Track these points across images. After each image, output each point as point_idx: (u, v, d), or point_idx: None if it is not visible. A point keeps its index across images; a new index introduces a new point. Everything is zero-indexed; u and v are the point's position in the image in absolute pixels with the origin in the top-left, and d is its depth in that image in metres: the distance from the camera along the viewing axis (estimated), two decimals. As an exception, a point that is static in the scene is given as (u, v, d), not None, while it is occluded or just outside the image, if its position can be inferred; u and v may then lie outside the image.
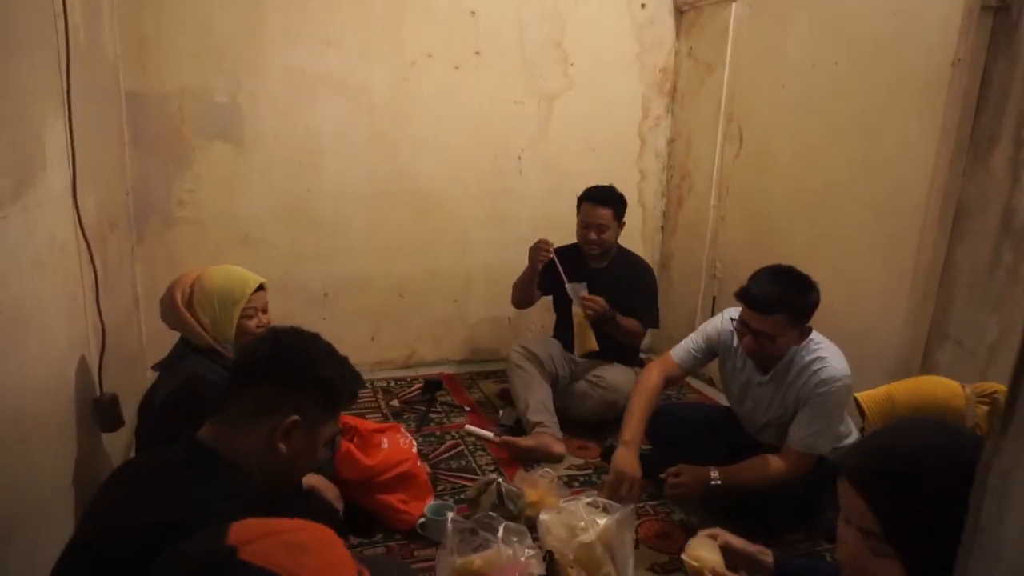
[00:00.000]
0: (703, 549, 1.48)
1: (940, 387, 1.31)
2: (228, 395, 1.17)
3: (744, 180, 3.13)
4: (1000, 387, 1.36)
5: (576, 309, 2.70)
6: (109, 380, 2.19)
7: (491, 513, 1.79)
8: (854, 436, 2.26)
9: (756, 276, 2.02)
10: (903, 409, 1.30)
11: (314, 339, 1.24)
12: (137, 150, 2.83)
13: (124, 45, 2.73)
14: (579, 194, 2.86)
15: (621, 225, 2.86)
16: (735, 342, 2.20)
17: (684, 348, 2.32)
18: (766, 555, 1.49)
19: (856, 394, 1.34)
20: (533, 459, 2.53)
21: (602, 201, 2.78)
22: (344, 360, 1.25)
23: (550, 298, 3.03)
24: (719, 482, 2.08)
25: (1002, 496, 0.39)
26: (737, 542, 1.50)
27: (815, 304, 1.99)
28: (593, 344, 2.72)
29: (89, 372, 2.00)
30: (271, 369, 1.16)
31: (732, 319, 2.15)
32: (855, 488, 0.88)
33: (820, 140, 2.67)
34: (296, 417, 1.13)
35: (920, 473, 0.84)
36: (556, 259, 2.73)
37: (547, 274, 2.81)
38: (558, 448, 2.57)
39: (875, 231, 2.46)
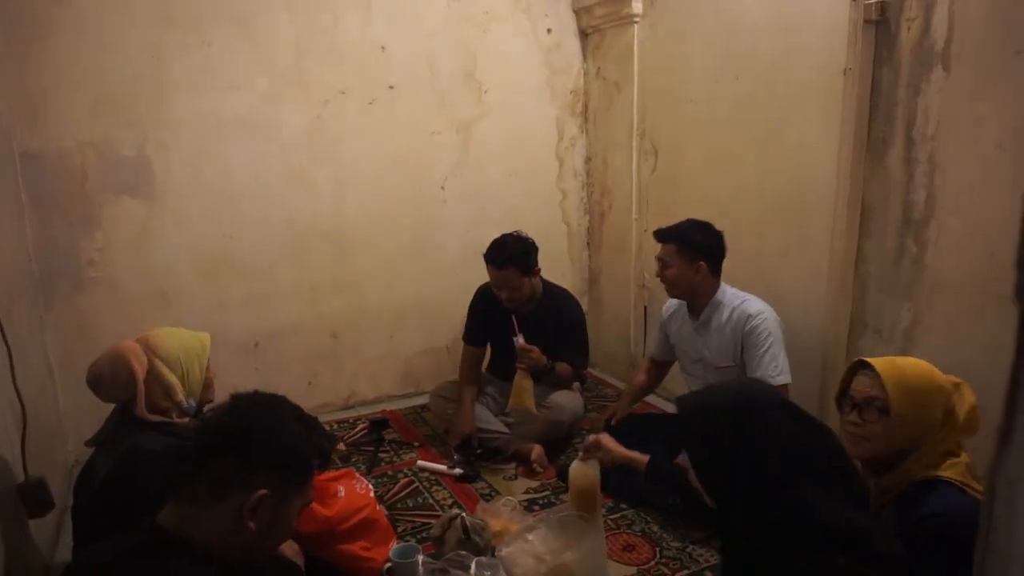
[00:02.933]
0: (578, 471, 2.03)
1: (929, 369, 1.52)
2: (187, 470, 1.10)
3: (662, 192, 3.25)
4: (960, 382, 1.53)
5: (520, 364, 2.67)
6: (31, 461, 2.04)
7: (461, 552, 1.77)
8: None
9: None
10: (913, 375, 1.48)
11: (278, 404, 1.18)
12: (37, 212, 2.66)
13: (12, 103, 2.57)
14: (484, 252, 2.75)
15: (534, 274, 2.75)
16: (674, 311, 2.62)
17: (652, 342, 2.85)
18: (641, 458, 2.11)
19: (864, 358, 1.56)
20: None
21: (502, 264, 2.66)
22: (312, 422, 1.20)
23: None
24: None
25: (1009, 503, 0.43)
26: (615, 452, 2.12)
27: (706, 243, 2.39)
28: (530, 404, 2.67)
29: (8, 455, 1.86)
30: (234, 442, 1.09)
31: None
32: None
33: (729, 150, 2.82)
34: (265, 491, 1.07)
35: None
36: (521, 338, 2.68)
37: (489, 321, 2.81)
38: (536, 450, 2.68)
39: (788, 233, 2.61)
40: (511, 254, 2.68)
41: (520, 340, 2.65)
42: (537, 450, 2.68)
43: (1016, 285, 0.44)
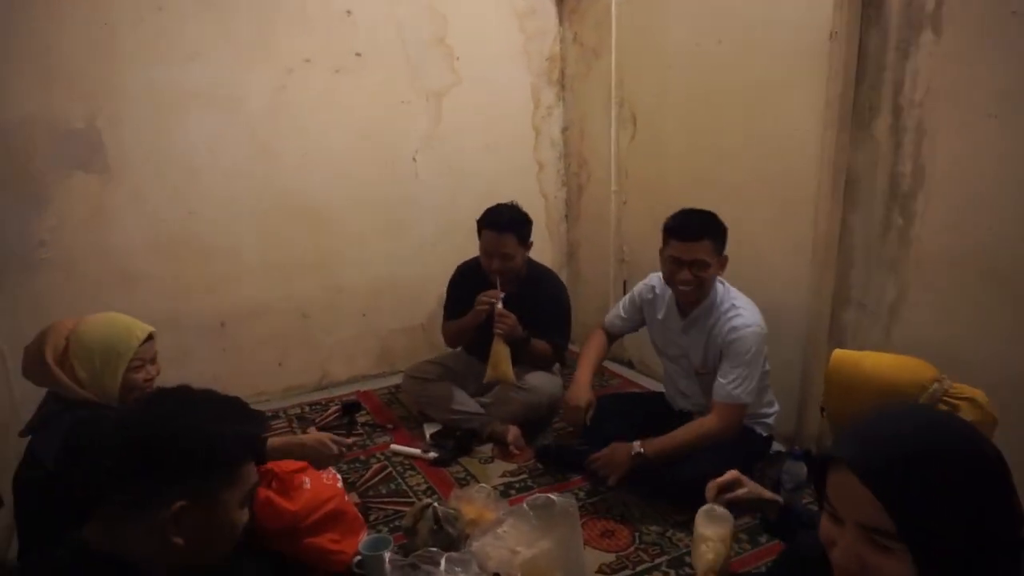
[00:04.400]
0: (708, 526, 1.52)
1: (903, 369, 1.34)
2: (102, 487, 0.99)
3: (641, 163, 3.15)
4: (977, 393, 1.37)
5: (497, 329, 2.57)
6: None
7: (431, 548, 1.70)
8: (776, 406, 2.33)
9: (677, 215, 2.21)
10: (860, 377, 1.32)
11: (180, 405, 1.05)
12: (-19, 191, 2.51)
13: (-49, 75, 2.40)
14: (479, 217, 2.69)
15: (528, 247, 2.70)
16: (659, 294, 2.40)
17: (612, 313, 2.56)
18: (775, 499, 1.50)
19: (836, 350, 1.38)
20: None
21: (503, 228, 2.59)
22: (224, 413, 1.06)
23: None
24: (642, 450, 2.16)
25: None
26: (749, 491, 1.47)
27: (726, 232, 2.19)
28: (507, 373, 2.58)
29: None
30: (136, 460, 0.98)
31: (654, 287, 2.41)
32: (861, 480, 0.79)
33: (710, 118, 2.71)
34: (182, 503, 0.97)
35: (931, 462, 0.78)
36: (500, 304, 2.58)
37: (471, 297, 2.66)
38: (513, 432, 2.61)
39: (770, 205, 2.52)
40: (513, 219, 2.63)
41: (499, 306, 2.57)
42: (514, 432, 2.61)
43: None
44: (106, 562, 0.95)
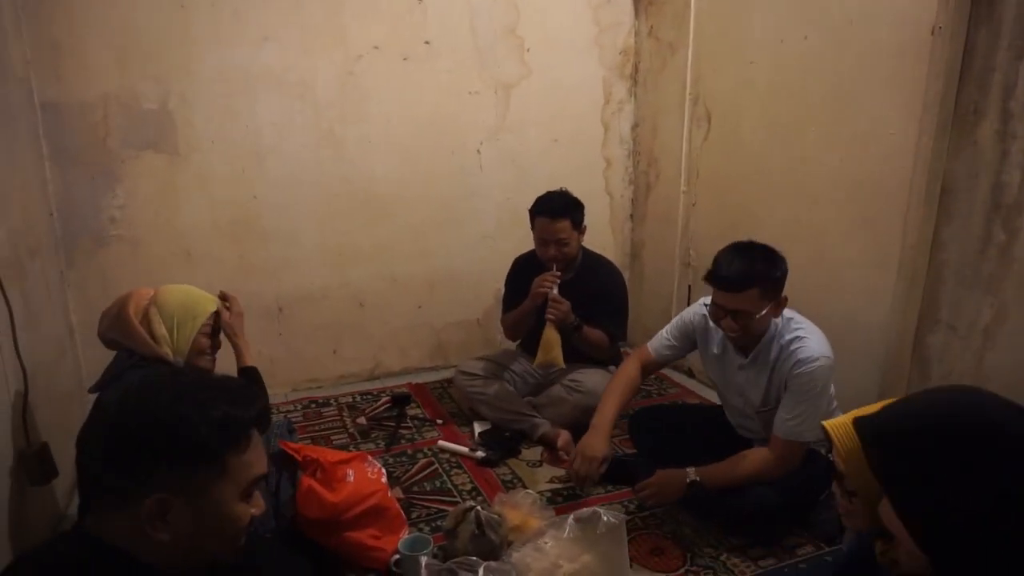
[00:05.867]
0: None
1: None
2: (93, 475, 0.95)
3: (714, 164, 3.00)
4: None
5: (549, 315, 2.51)
6: (39, 426, 1.98)
7: (471, 556, 1.63)
8: None
9: (721, 256, 1.95)
10: None
11: (161, 391, 0.95)
12: (58, 166, 2.58)
13: (35, 52, 2.47)
14: (530, 207, 2.63)
15: (582, 232, 2.64)
16: (711, 327, 2.11)
17: (659, 339, 2.26)
18: None
19: (824, 422, 1.16)
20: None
21: (557, 213, 2.54)
22: (208, 396, 0.95)
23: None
24: (697, 479, 1.99)
25: None
26: None
27: (784, 274, 1.92)
28: (557, 357, 2.51)
29: (10, 421, 1.79)
30: (108, 457, 0.91)
31: (706, 304, 2.07)
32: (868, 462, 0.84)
33: (792, 119, 2.55)
34: (160, 496, 0.88)
35: (916, 435, 0.79)
36: (555, 289, 2.52)
37: (526, 286, 2.60)
38: (564, 437, 2.52)
39: (855, 213, 2.34)
40: (566, 204, 2.56)
41: (554, 291, 2.50)
42: (564, 436, 2.52)
43: None
44: (109, 553, 0.90)
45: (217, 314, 1.92)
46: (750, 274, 1.86)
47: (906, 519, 0.76)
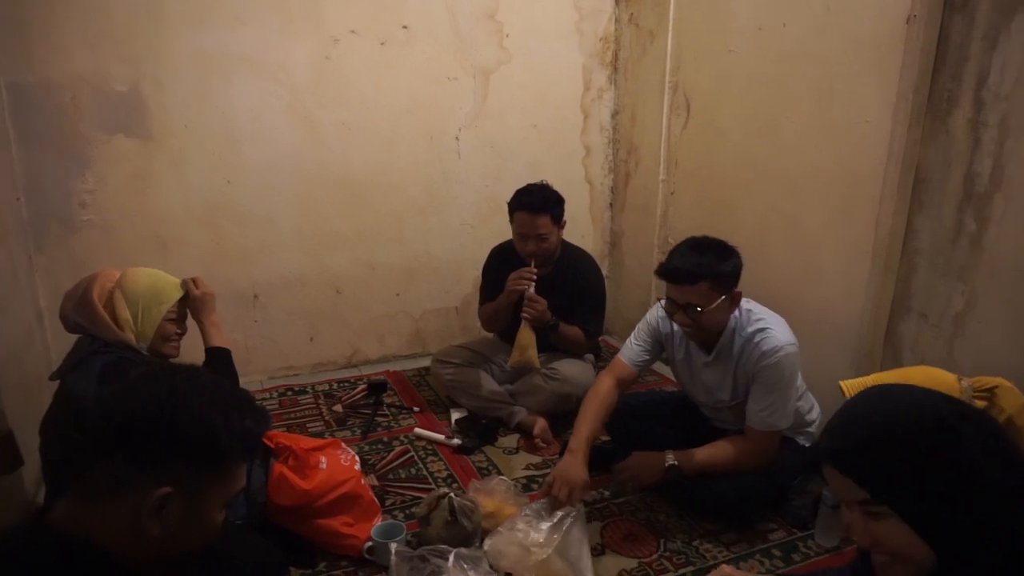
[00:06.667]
0: None
1: (930, 378, 1.18)
2: (77, 465, 0.93)
3: (692, 152, 3.00)
4: (1000, 381, 1.24)
5: (524, 314, 2.48)
6: (7, 413, 1.94)
7: (441, 546, 1.62)
8: (816, 411, 2.18)
9: (674, 251, 1.96)
10: None
11: (185, 385, 0.97)
12: (25, 149, 2.52)
13: (1, 31, 2.41)
14: (509, 200, 2.58)
15: (562, 226, 2.60)
16: (675, 329, 2.11)
17: (630, 348, 2.20)
18: None
19: (841, 381, 1.21)
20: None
21: (537, 209, 2.48)
22: (230, 404, 0.98)
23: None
24: (675, 463, 1.99)
25: None
26: None
27: (737, 268, 1.92)
28: (532, 358, 2.49)
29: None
30: (124, 435, 0.91)
31: (660, 300, 2.05)
32: (832, 465, 0.90)
33: (770, 108, 2.55)
34: (167, 489, 0.89)
35: (889, 435, 0.86)
36: (531, 288, 2.49)
37: (504, 278, 2.56)
38: (540, 424, 2.55)
39: (831, 202, 2.35)
40: (545, 199, 2.51)
41: (531, 290, 2.47)
42: (541, 424, 2.52)
43: None
44: (66, 545, 0.88)
45: (184, 299, 1.87)
46: (700, 266, 1.86)
47: (888, 500, 0.84)
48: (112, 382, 1.47)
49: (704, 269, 1.85)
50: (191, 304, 1.91)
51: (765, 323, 1.95)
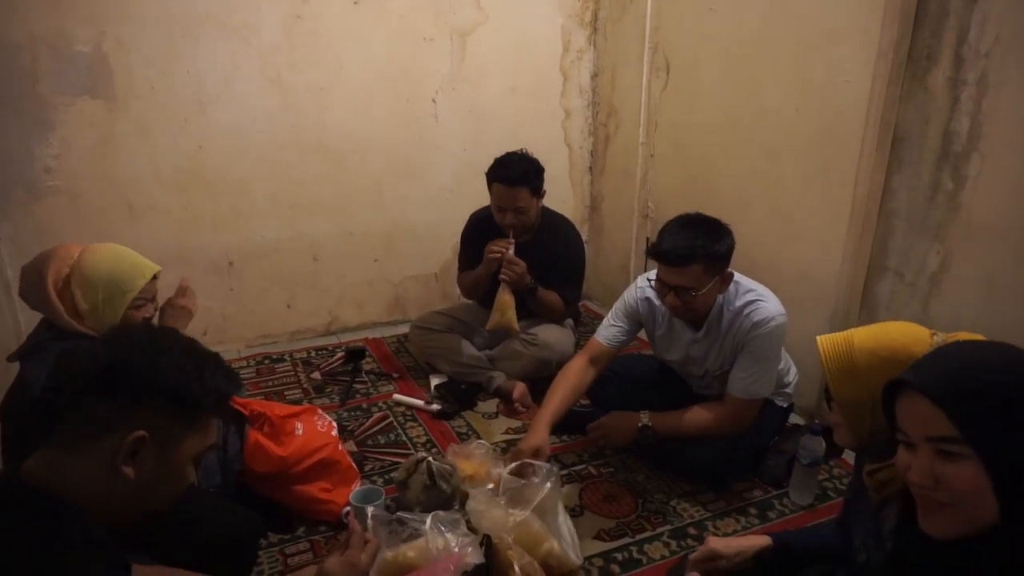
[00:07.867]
0: None
1: (903, 333, 1.18)
2: (54, 415, 0.94)
3: (673, 114, 2.96)
4: (968, 334, 1.24)
5: (503, 276, 2.46)
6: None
7: (417, 510, 1.62)
8: (793, 372, 2.19)
9: (665, 230, 1.90)
10: (861, 354, 1.18)
11: (163, 337, 1.01)
12: (-15, 112, 2.43)
13: (-47, -12, 2.31)
14: (487, 170, 2.52)
15: (541, 196, 2.55)
16: (658, 305, 2.08)
17: (607, 328, 2.17)
18: (762, 541, 1.40)
19: (818, 336, 1.22)
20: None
21: (515, 181, 2.43)
22: (205, 359, 1.02)
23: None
24: (649, 424, 2.01)
25: None
26: (730, 550, 1.37)
27: (730, 248, 1.89)
28: (511, 320, 2.47)
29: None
30: (105, 380, 0.93)
31: (649, 280, 2.02)
32: (921, 391, 0.84)
33: (751, 67, 2.52)
34: (142, 432, 0.92)
35: (985, 369, 0.84)
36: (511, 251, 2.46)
37: (483, 246, 2.54)
38: (519, 388, 2.53)
39: (810, 163, 2.34)
40: (524, 171, 2.45)
41: (510, 252, 2.44)
42: (520, 388, 2.51)
43: None
44: (37, 496, 0.89)
45: (154, 279, 1.71)
46: (693, 249, 1.81)
47: (974, 441, 0.80)
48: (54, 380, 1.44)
49: (697, 251, 1.81)
50: (163, 313, 1.82)
51: (756, 294, 1.95)
